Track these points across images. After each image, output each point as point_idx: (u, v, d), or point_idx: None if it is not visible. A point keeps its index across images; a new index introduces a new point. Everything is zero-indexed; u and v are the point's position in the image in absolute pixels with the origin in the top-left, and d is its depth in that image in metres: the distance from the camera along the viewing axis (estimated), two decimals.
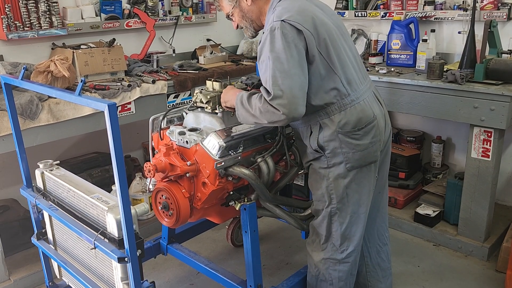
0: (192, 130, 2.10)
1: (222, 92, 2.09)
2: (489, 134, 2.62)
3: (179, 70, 3.33)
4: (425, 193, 3.23)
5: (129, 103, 2.86)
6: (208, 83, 2.20)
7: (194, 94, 2.20)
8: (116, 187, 1.52)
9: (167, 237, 2.55)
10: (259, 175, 2.07)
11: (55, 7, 2.93)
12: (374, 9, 3.53)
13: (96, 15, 3.23)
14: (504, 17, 2.91)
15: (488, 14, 2.94)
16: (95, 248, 1.70)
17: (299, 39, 1.76)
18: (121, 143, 1.48)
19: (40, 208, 2.12)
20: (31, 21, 2.86)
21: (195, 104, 2.19)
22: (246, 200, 2.09)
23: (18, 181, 2.34)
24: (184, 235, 2.68)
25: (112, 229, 1.68)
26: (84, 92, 2.63)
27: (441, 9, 3.20)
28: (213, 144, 1.97)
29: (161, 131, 2.20)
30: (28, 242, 2.45)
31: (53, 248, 2.19)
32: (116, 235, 1.66)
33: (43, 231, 2.23)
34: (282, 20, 1.76)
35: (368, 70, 3.15)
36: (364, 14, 3.53)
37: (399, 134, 3.59)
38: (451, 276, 2.70)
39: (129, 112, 2.88)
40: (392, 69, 3.12)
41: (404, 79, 2.86)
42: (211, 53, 3.66)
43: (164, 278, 2.76)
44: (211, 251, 3.02)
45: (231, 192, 2.09)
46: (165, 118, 2.25)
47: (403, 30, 3.21)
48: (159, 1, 3.53)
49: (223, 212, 2.26)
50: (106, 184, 3.17)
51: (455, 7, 3.14)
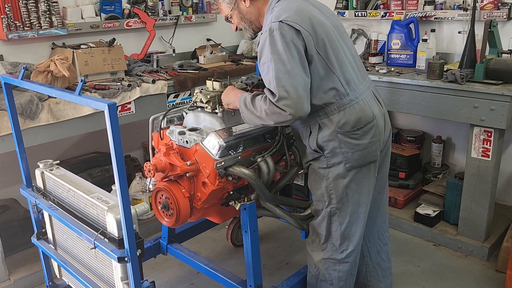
0: (192, 130, 2.10)
1: (223, 94, 2.08)
2: (489, 134, 2.62)
3: (179, 70, 3.32)
4: (425, 193, 3.23)
5: (129, 103, 2.86)
6: (208, 83, 2.20)
7: (194, 94, 2.20)
8: (116, 187, 1.52)
9: (167, 237, 2.55)
10: (259, 175, 2.07)
11: (55, 7, 2.93)
12: (374, 9, 3.53)
13: (96, 15, 3.23)
14: (504, 17, 2.91)
15: (488, 14, 2.94)
16: (95, 248, 1.70)
17: (298, 39, 1.76)
18: (121, 143, 1.48)
19: (40, 208, 2.12)
20: (31, 21, 2.86)
21: (195, 104, 2.19)
22: (246, 200, 2.09)
23: (18, 181, 2.34)
24: (184, 235, 2.68)
25: (112, 229, 1.68)
26: (84, 92, 2.63)
27: (441, 9, 3.20)
28: (213, 144, 1.97)
29: (161, 131, 2.20)
30: (28, 242, 2.45)
31: (53, 248, 2.19)
32: (116, 235, 1.66)
33: (43, 231, 2.23)
34: (280, 21, 1.76)
35: (368, 70, 3.15)
36: (364, 14, 3.53)
37: (399, 134, 3.59)
38: (451, 276, 2.70)
39: (129, 112, 2.88)
40: (392, 69, 3.12)
41: (404, 79, 2.86)
42: (211, 53, 3.66)
43: (164, 278, 2.76)
44: (211, 251, 3.02)
45: (231, 192, 2.09)
46: (165, 118, 2.25)
47: (403, 30, 3.21)
48: (159, 1, 3.53)
49: (223, 212, 2.26)
50: (106, 184, 3.17)
51: (455, 7, 3.14)
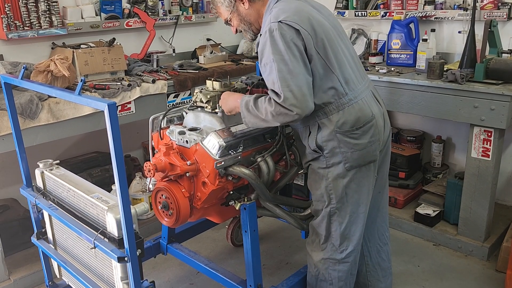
0: (192, 130, 2.10)
1: (221, 101, 2.07)
2: (489, 134, 2.62)
3: (179, 70, 3.32)
4: (425, 193, 3.23)
5: (129, 103, 2.86)
6: (208, 83, 2.20)
7: (194, 94, 2.20)
8: (116, 187, 1.52)
9: (167, 237, 2.55)
10: (259, 175, 2.07)
11: (55, 7, 2.93)
12: (374, 9, 3.53)
13: (96, 15, 3.23)
14: (504, 17, 2.91)
15: (488, 14, 2.94)
16: (95, 248, 1.70)
17: (298, 38, 1.77)
18: (121, 143, 1.48)
19: (40, 208, 2.12)
20: (31, 21, 2.85)
21: (195, 104, 2.19)
22: (246, 200, 2.09)
23: (18, 181, 2.34)
24: (184, 235, 2.68)
25: (112, 229, 1.68)
26: (84, 92, 2.63)
27: (441, 9, 3.19)
28: (213, 144, 1.97)
29: (161, 131, 2.20)
30: (28, 242, 2.44)
31: (53, 248, 2.19)
32: (116, 235, 1.66)
33: (43, 231, 2.23)
34: (279, 21, 1.77)
35: (368, 70, 3.15)
36: (364, 14, 3.53)
37: (399, 134, 3.58)
38: (451, 276, 2.70)
39: (129, 112, 2.88)
40: (392, 69, 3.12)
41: (404, 79, 2.86)
42: (211, 53, 3.66)
43: (164, 278, 2.76)
44: (211, 251, 3.02)
45: (231, 192, 2.09)
46: (165, 118, 2.25)
47: (403, 30, 3.21)
48: (159, 1, 3.53)
49: (223, 212, 2.26)
50: (106, 184, 3.17)
51: (455, 7, 3.14)
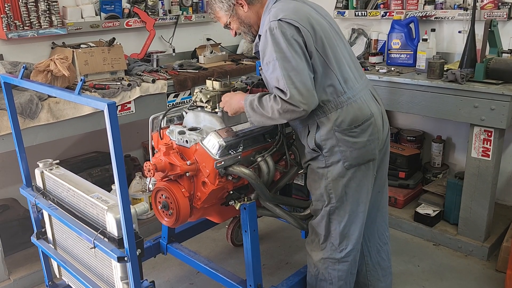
0: (192, 130, 2.10)
1: (223, 103, 2.06)
2: (489, 134, 2.62)
3: (179, 70, 3.32)
4: (425, 193, 3.23)
5: (129, 103, 2.86)
6: (208, 83, 2.20)
7: (194, 94, 2.19)
8: (116, 187, 1.52)
9: (167, 237, 2.55)
10: (259, 175, 2.07)
11: (55, 6, 2.93)
12: (374, 9, 3.53)
13: (96, 14, 3.22)
14: (505, 17, 2.91)
15: (489, 14, 2.94)
16: (95, 248, 1.70)
17: (298, 35, 1.78)
18: (121, 143, 1.48)
19: (40, 208, 2.12)
20: (31, 20, 2.85)
21: (195, 104, 2.19)
22: (246, 200, 2.09)
23: (18, 181, 2.34)
24: (184, 235, 2.68)
25: (112, 229, 1.68)
26: (84, 92, 2.62)
27: (441, 9, 3.19)
28: (213, 144, 1.97)
29: (161, 131, 2.19)
30: (28, 242, 2.44)
31: (53, 248, 2.18)
32: (116, 235, 1.66)
33: (43, 231, 2.23)
34: (279, 19, 1.79)
35: (368, 70, 3.15)
36: (364, 14, 3.53)
37: (399, 134, 3.58)
38: (451, 276, 2.70)
39: (129, 112, 2.88)
40: (392, 69, 3.12)
41: (404, 79, 2.86)
42: (211, 53, 3.66)
43: (164, 278, 2.76)
44: (211, 251, 3.02)
45: (231, 192, 2.09)
46: (165, 118, 2.25)
47: (403, 30, 3.21)
48: (159, 1, 3.53)
49: (223, 212, 2.26)
50: (106, 184, 3.17)
51: (456, 7, 3.14)
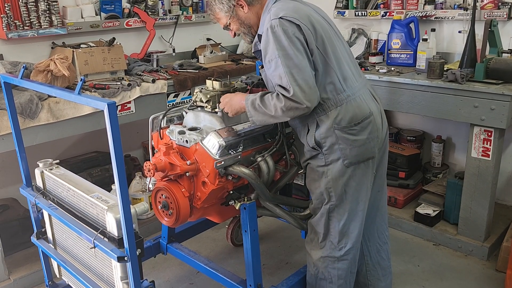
0: (192, 129, 2.10)
1: (223, 104, 2.06)
2: (489, 134, 2.62)
3: (179, 70, 3.32)
4: (425, 193, 3.23)
5: (129, 102, 2.86)
6: (208, 82, 2.20)
7: (194, 93, 2.20)
8: (116, 187, 1.52)
9: (167, 237, 2.55)
10: (259, 175, 2.07)
11: (55, 6, 2.93)
12: (374, 9, 3.53)
13: (96, 14, 3.22)
14: (505, 17, 2.91)
15: (489, 14, 2.94)
16: (95, 247, 1.70)
17: (299, 33, 1.80)
18: (121, 143, 1.48)
19: (40, 207, 2.12)
20: (31, 20, 2.85)
21: (195, 103, 2.19)
22: (246, 200, 2.09)
23: (18, 180, 2.34)
24: (184, 235, 2.68)
25: (112, 228, 1.68)
26: (84, 91, 2.62)
27: (442, 9, 3.19)
28: (213, 143, 1.97)
29: (161, 130, 2.19)
30: (28, 241, 2.44)
31: (53, 247, 2.18)
32: (116, 234, 1.66)
33: (43, 230, 2.23)
34: (280, 17, 1.80)
35: (368, 70, 3.15)
36: (364, 14, 3.53)
37: (399, 134, 3.58)
38: (451, 276, 2.70)
39: (129, 112, 2.88)
40: (392, 69, 3.12)
41: (404, 79, 2.86)
42: (211, 52, 3.66)
43: (164, 278, 2.76)
44: (211, 251, 3.02)
45: (231, 192, 2.09)
46: (165, 117, 2.25)
47: (403, 30, 3.21)
48: (159, 0, 3.53)
49: (223, 212, 2.26)
50: (106, 184, 3.17)
51: (456, 7, 3.14)
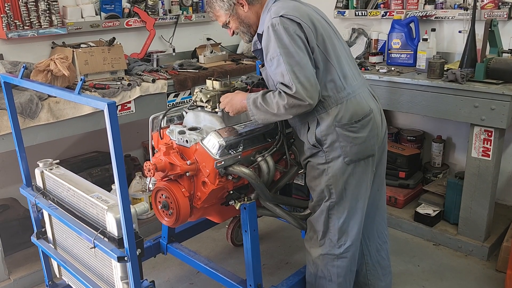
0: (192, 129, 2.10)
1: (224, 104, 2.06)
2: (490, 134, 2.62)
3: (179, 69, 3.32)
4: (425, 193, 3.22)
5: (129, 102, 2.86)
6: (208, 82, 2.20)
7: (194, 93, 2.19)
8: (116, 186, 1.52)
9: (167, 236, 2.55)
10: (259, 174, 2.07)
11: (55, 6, 2.92)
12: (375, 8, 3.53)
13: (96, 14, 3.22)
14: (505, 16, 2.91)
15: (489, 13, 2.94)
16: (95, 247, 1.70)
17: (300, 31, 1.81)
18: (121, 142, 1.48)
19: (40, 207, 2.12)
20: (31, 20, 2.85)
21: (195, 103, 2.19)
22: (246, 199, 2.09)
23: (18, 180, 2.34)
24: (184, 234, 2.68)
25: (112, 228, 1.68)
26: (84, 91, 2.62)
27: (442, 8, 3.19)
28: (213, 143, 1.97)
29: (161, 130, 2.19)
30: (28, 241, 2.44)
31: (53, 247, 2.18)
32: (116, 234, 1.66)
33: (43, 230, 2.23)
34: (281, 16, 1.81)
35: (368, 69, 3.15)
36: (365, 13, 3.53)
37: (399, 134, 3.57)
38: (451, 276, 2.70)
39: (129, 111, 2.88)
40: (393, 68, 3.12)
41: (405, 79, 2.86)
42: (211, 52, 3.66)
43: (164, 278, 2.76)
44: (211, 251, 3.02)
45: (231, 191, 2.09)
46: (165, 117, 2.24)
47: (404, 29, 3.21)
48: (159, 0, 3.53)
49: (223, 212, 2.26)
50: (106, 183, 3.17)
51: (456, 6, 3.14)
